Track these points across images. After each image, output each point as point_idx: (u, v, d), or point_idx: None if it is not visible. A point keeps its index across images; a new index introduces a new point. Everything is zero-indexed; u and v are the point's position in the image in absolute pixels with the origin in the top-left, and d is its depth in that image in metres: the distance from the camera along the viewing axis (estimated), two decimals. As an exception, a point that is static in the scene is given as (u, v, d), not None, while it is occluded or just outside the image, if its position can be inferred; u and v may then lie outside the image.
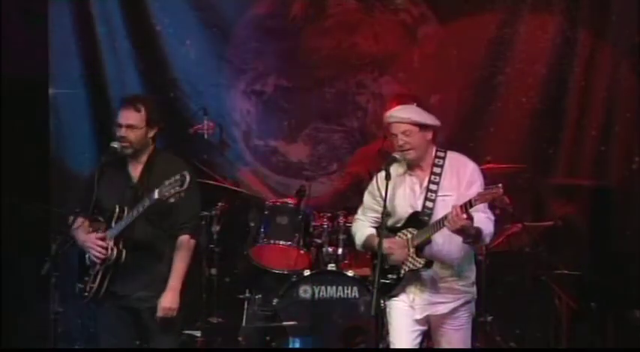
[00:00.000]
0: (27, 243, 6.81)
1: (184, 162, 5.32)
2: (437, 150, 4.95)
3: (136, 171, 5.26)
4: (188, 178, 4.82)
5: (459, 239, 4.73)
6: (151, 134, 5.23)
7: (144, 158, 5.25)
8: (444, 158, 4.93)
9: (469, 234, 4.65)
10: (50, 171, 7.27)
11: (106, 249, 5.08)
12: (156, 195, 4.89)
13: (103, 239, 5.09)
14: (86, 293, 5.14)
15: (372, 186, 5.02)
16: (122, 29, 7.50)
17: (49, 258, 5.09)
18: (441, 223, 4.71)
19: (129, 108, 5.18)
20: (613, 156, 7.29)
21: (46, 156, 7.31)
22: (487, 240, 4.80)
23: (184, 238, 5.24)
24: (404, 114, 4.91)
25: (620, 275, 7.06)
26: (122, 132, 5.15)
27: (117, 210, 5.12)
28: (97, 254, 5.09)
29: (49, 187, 7.23)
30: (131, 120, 5.14)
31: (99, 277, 5.11)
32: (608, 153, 7.29)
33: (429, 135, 4.90)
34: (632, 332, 6.71)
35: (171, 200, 4.88)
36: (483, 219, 4.75)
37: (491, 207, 4.94)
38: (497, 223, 5.05)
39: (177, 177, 4.84)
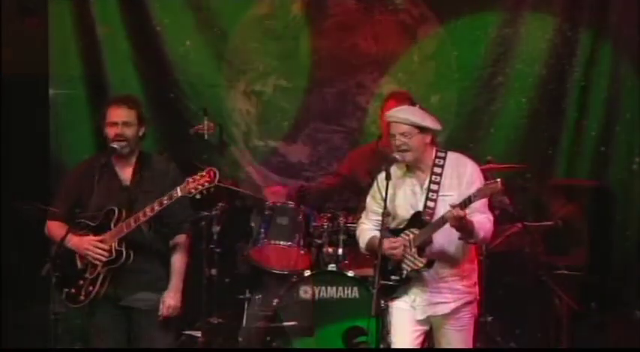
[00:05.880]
0: (27, 243, 6.81)
1: (173, 161, 5.46)
2: (437, 151, 4.96)
3: (126, 173, 5.27)
4: (217, 174, 4.96)
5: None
6: (141, 133, 5.27)
7: (133, 160, 5.27)
8: (444, 158, 4.94)
9: (467, 229, 4.67)
10: (50, 171, 7.26)
11: (109, 251, 5.07)
12: (179, 192, 4.97)
13: (103, 241, 5.08)
14: (82, 298, 5.10)
15: (374, 189, 5.04)
16: (122, 29, 7.50)
17: (48, 258, 5.08)
18: (440, 221, 4.73)
19: (122, 106, 5.23)
20: (613, 156, 7.30)
21: (46, 156, 7.31)
22: (481, 235, 4.79)
23: (182, 238, 5.30)
24: (403, 115, 4.90)
25: (620, 275, 7.07)
26: (119, 129, 5.17)
27: (116, 212, 5.12)
28: (99, 257, 5.07)
29: (49, 187, 7.23)
30: (126, 117, 5.20)
31: (100, 280, 5.09)
32: (608, 153, 7.30)
33: (428, 137, 4.89)
34: (632, 332, 6.71)
35: (197, 196, 4.99)
36: (482, 218, 4.77)
37: (491, 207, 4.96)
38: (497, 223, 5.06)
39: (204, 173, 4.96)
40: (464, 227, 4.65)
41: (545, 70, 7.40)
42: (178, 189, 5.02)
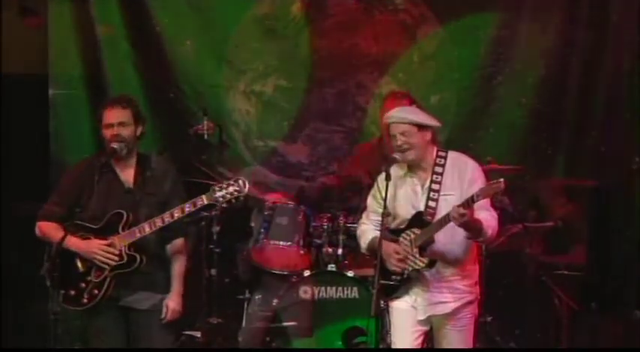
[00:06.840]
0: (27, 243, 6.80)
1: (171, 161, 5.53)
2: (438, 150, 4.97)
3: (127, 175, 5.26)
4: (247, 183, 4.98)
5: (461, 238, 4.76)
6: (139, 132, 5.25)
7: (132, 161, 5.25)
8: (445, 157, 4.95)
9: (472, 228, 4.67)
10: (50, 171, 7.26)
11: (118, 255, 5.05)
12: (204, 200, 4.98)
13: (111, 245, 5.06)
14: (85, 300, 5.08)
15: (375, 190, 5.05)
16: (122, 29, 7.50)
17: (47, 258, 5.07)
18: (443, 221, 4.73)
19: (116, 106, 5.21)
20: (613, 156, 7.30)
21: (46, 156, 7.31)
22: (489, 233, 4.79)
23: (181, 241, 5.29)
24: (401, 115, 4.94)
25: (620, 275, 7.07)
26: (115, 130, 5.15)
27: (124, 215, 5.10)
28: (108, 261, 5.04)
29: (49, 187, 7.22)
30: (121, 118, 5.17)
31: (106, 283, 5.07)
32: (608, 153, 7.30)
33: (428, 135, 4.92)
34: (632, 332, 6.71)
35: (224, 205, 5.08)
36: (488, 216, 4.78)
37: (492, 207, 4.97)
38: (499, 223, 5.06)
39: (232, 182, 5.02)
40: (470, 226, 4.66)
41: (545, 70, 7.41)
42: (204, 196, 5.02)
